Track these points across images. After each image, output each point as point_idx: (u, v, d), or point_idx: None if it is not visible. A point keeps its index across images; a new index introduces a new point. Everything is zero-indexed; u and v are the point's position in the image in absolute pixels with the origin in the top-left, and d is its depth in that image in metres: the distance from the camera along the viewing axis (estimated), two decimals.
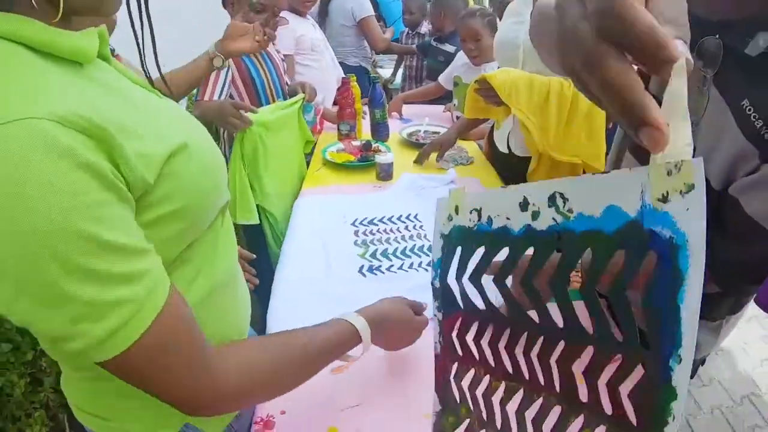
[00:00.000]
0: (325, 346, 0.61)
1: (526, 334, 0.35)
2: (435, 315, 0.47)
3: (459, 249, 0.41)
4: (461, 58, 2.06)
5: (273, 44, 1.76)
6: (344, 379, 0.80)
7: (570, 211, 0.29)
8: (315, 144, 1.76)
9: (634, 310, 0.27)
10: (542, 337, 0.33)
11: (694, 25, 0.71)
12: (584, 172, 1.39)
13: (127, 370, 0.42)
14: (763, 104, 0.59)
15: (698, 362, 0.91)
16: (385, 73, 3.63)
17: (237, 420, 0.70)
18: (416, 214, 1.31)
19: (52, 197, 0.35)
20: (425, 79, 2.86)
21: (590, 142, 1.33)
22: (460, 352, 0.43)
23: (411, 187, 1.46)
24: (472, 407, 0.41)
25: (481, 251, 0.38)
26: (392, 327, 0.72)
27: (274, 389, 0.56)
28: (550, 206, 0.30)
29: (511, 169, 1.57)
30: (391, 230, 1.24)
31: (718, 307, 0.77)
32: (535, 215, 0.32)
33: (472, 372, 0.41)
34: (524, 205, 0.32)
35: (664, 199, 0.23)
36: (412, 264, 1.11)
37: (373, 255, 1.14)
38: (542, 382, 0.34)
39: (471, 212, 0.39)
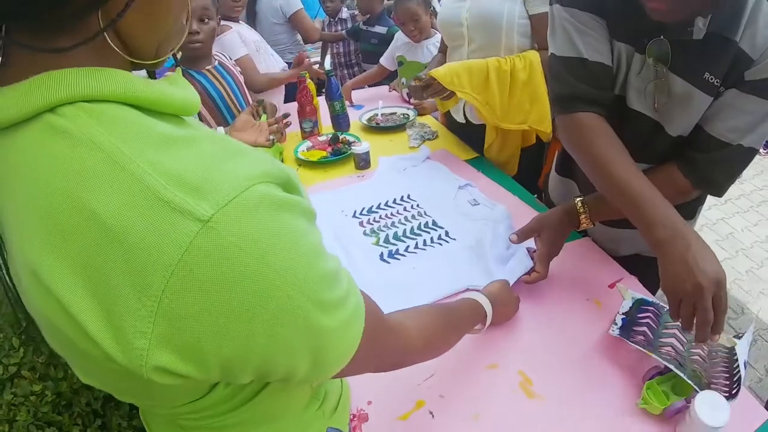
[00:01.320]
0: (467, 318, 0.76)
1: None
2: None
3: None
4: (400, 38, 2.12)
5: (223, 55, 1.74)
6: None
7: None
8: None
9: None
10: None
11: (640, 30, 0.86)
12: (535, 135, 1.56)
13: (350, 364, 0.44)
14: (720, 70, 0.79)
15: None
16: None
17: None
18: (408, 195, 1.39)
19: (296, 252, 0.35)
20: (361, 63, 2.90)
21: (534, 107, 1.45)
22: None
23: (392, 169, 1.54)
24: None
25: None
26: (502, 306, 0.87)
27: (439, 348, 0.67)
28: None
29: (470, 136, 1.71)
30: (393, 214, 1.31)
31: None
32: None
33: None
34: None
35: None
36: (425, 241, 1.19)
37: (387, 240, 1.21)
38: None
39: None
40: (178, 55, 1.53)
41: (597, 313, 0.98)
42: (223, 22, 1.94)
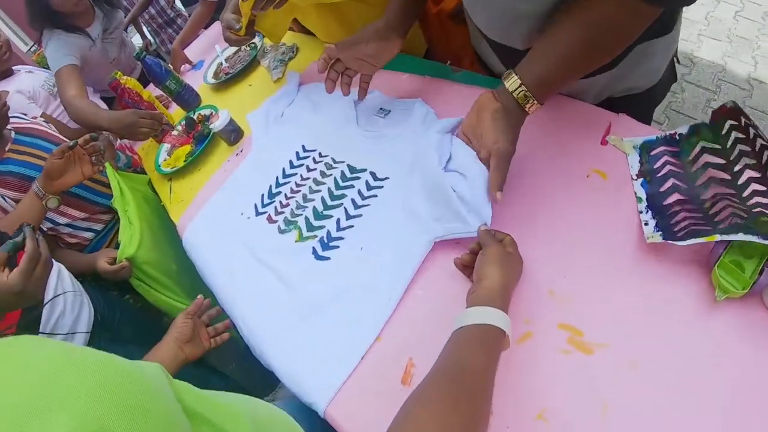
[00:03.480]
0: (483, 360, 0.53)
1: None
2: None
3: None
4: None
5: (19, 116, 1.32)
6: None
7: None
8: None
9: None
10: None
11: None
12: None
13: None
14: None
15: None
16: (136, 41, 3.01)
17: None
18: (303, 146, 1.05)
19: None
20: (181, 13, 2.38)
21: None
22: None
23: (269, 122, 1.17)
24: None
25: None
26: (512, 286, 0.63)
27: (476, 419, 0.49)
28: None
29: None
30: (298, 183, 0.99)
31: None
32: None
33: None
34: None
35: None
36: (354, 201, 0.89)
37: (310, 226, 0.90)
38: None
39: None
40: None
41: (607, 190, 0.72)
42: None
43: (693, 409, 0.53)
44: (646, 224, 0.65)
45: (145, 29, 2.65)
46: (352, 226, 0.85)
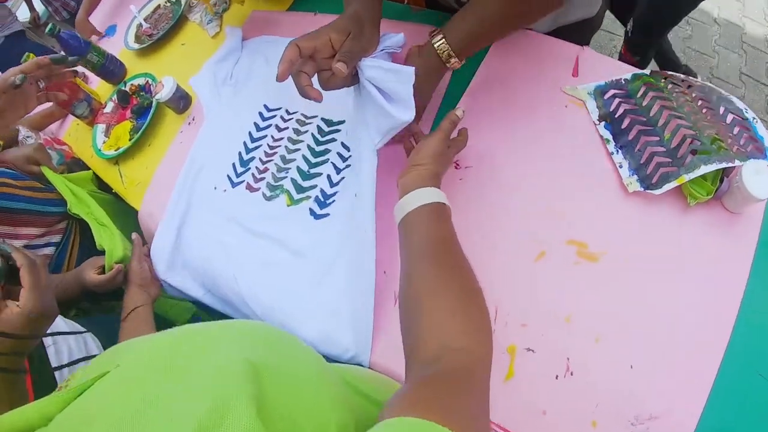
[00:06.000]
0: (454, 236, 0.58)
1: None
2: None
3: None
4: None
5: None
6: None
7: None
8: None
9: None
10: None
11: None
12: None
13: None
14: None
15: None
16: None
17: None
18: (265, 105, 1.00)
19: None
20: None
21: None
22: None
23: (213, 84, 1.08)
24: None
25: None
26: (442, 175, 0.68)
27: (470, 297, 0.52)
28: None
29: None
30: (271, 146, 0.94)
31: None
32: None
33: None
34: None
35: None
36: (340, 153, 0.87)
37: (298, 188, 0.87)
38: None
39: None
40: None
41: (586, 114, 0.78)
42: None
43: (682, 285, 0.65)
44: (620, 167, 0.72)
45: None
46: (344, 178, 0.84)
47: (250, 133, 0.98)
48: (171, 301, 1.05)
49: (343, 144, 0.87)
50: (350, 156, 0.86)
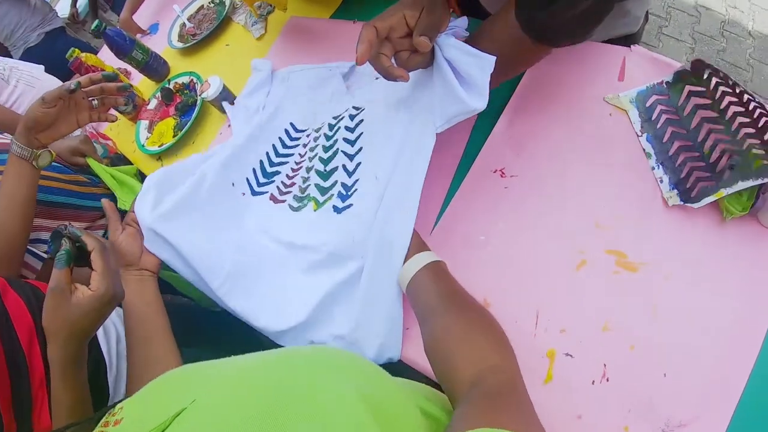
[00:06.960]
0: (458, 285, 0.66)
1: None
2: None
3: None
4: None
5: None
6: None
7: None
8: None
9: None
10: None
11: None
12: None
13: None
14: None
15: None
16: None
17: None
18: (291, 123, 1.02)
19: None
20: None
21: None
22: None
23: (246, 115, 1.08)
24: None
25: None
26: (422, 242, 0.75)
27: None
28: None
29: None
30: (296, 163, 0.95)
31: None
32: None
33: None
34: None
35: None
36: (347, 138, 0.88)
37: (322, 190, 0.87)
38: None
39: None
40: None
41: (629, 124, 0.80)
42: None
43: (716, 297, 0.67)
44: (661, 181, 0.74)
45: None
46: (360, 163, 0.84)
47: (274, 146, 0.99)
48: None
49: (347, 128, 0.88)
50: (359, 137, 0.86)
